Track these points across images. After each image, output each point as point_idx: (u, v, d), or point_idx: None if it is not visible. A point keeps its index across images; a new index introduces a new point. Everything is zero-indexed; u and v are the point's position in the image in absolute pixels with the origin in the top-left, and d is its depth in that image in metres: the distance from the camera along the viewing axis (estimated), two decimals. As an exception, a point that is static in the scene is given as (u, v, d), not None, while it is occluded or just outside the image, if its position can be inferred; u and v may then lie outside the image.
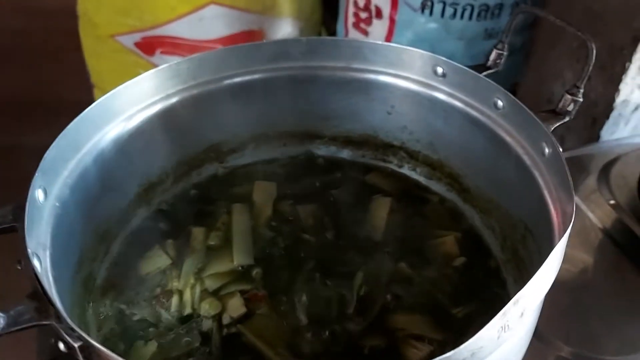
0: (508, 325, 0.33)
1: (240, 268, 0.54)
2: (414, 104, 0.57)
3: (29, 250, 0.37)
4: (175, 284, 0.52)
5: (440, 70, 0.54)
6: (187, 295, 0.52)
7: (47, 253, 0.41)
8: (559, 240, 0.38)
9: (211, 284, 0.52)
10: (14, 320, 0.34)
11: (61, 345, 0.34)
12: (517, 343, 0.40)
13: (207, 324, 0.50)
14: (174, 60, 0.53)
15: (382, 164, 0.63)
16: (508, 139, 0.50)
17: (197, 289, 0.52)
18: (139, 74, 0.51)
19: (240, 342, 0.49)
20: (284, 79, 0.58)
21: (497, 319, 0.33)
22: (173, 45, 1.05)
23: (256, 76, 0.57)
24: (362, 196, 0.60)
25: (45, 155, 0.44)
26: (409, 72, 0.56)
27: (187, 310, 0.51)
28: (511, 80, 0.98)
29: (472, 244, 0.56)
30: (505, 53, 0.53)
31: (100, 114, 0.49)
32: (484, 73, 0.53)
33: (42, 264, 0.38)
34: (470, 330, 0.48)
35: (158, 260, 0.54)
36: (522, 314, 0.34)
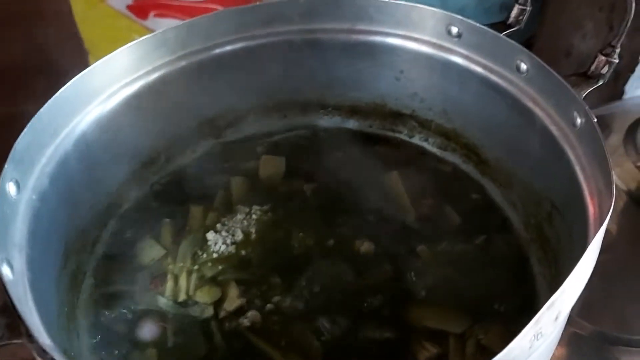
0: (541, 333, 0.29)
1: (242, 252, 0.50)
2: (425, 69, 0.52)
3: (-2, 256, 0.33)
4: (170, 267, 0.48)
5: (455, 30, 0.48)
6: (183, 281, 0.48)
7: (23, 254, 0.36)
8: (596, 228, 0.33)
9: (207, 270, 0.48)
10: (-19, 338, 0.30)
11: (35, 367, 0.30)
12: (549, 346, 0.36)
13: (207, 313, 0.46)
14: (169, 23, 0.48)
15: (391, 134, 0.58)
16: (533, 107, 0.45)
17: (194, 275, 0.48)
18: (134, 39, 0.46)
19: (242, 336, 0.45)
20: (281, 44, 0.53)
21: (529, 328, 0.28)
22: (167, 7, 0.99)
23: (250, 43, 0.52)
24: (372, 169, 0.55)
25: (17, 143, 0.39)
26: (419, 33, 0.50)
27: (182, 297, 0.47)
28: (526, 35, 0.92)
29: (492, 220, 0.51)
30: (528, 8, 0.47)
31: (77, 94, 0.44)
32: (504, 32, 0.47)
33: (14, 269, 0.34)
34: (491, 318, 0.45)
35: (151, 251, 0.50)
36: (556, 317, 0.30)
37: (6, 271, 0.33)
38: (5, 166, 0.38)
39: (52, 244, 0.43)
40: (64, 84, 0.43)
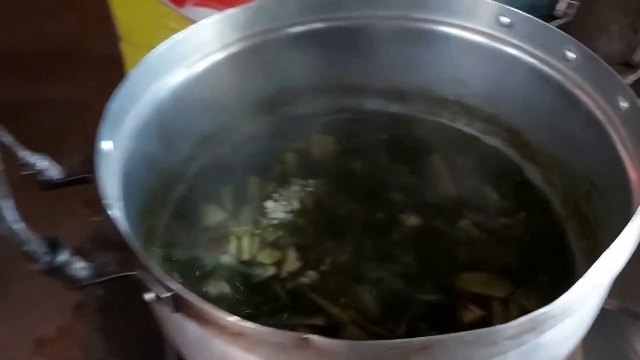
0: (600, 282, 0.33)
1: (299, 220, 0.53)
2: (474, 57, 0.55)
3: (108, 201, 0.37)
4: (234, 229, 0.52)
5: (505, 20, 0.52)
6: (245, 242, 0.51)
7: (121, 205, 0.40)
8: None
9: (268, 235, 0.52)
10: (99, 270, 0.34)
11: (148, 296, 0.34)
12: (601, 299, 0.39)
13: (269, 273, 0.50)
14: (207, 12, 0.51)
15: (433, 118, 0.62)
16: (578, 93, 0.48)
17: (256, 238, 0.52)
18: (170, 26, 0.50)
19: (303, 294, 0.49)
20: (339, 29, 0.57)
21: (592, 274, 0.32)
22: (205, -4, 1.02)
23: (311, 26, 0.56)
24: (416, 151, 0.59)
25: (109, 105, 0.43)
26: (471, 22, 0.54)
27: (246, 256, 0.51)
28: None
29: (532, 199, 0.55)
30: (576, 3, 0.51)
31: (159, 62, 0.48)
32: (552, 23, 0.51)
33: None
34: (532, 287, 0.49)
35: (214, 215, 0.53)
36: (609, 269, 0.34)
37: (116, 213, 0.36)
38: (101, 125, 0.42)
39: (134, 203, 0.46)
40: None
